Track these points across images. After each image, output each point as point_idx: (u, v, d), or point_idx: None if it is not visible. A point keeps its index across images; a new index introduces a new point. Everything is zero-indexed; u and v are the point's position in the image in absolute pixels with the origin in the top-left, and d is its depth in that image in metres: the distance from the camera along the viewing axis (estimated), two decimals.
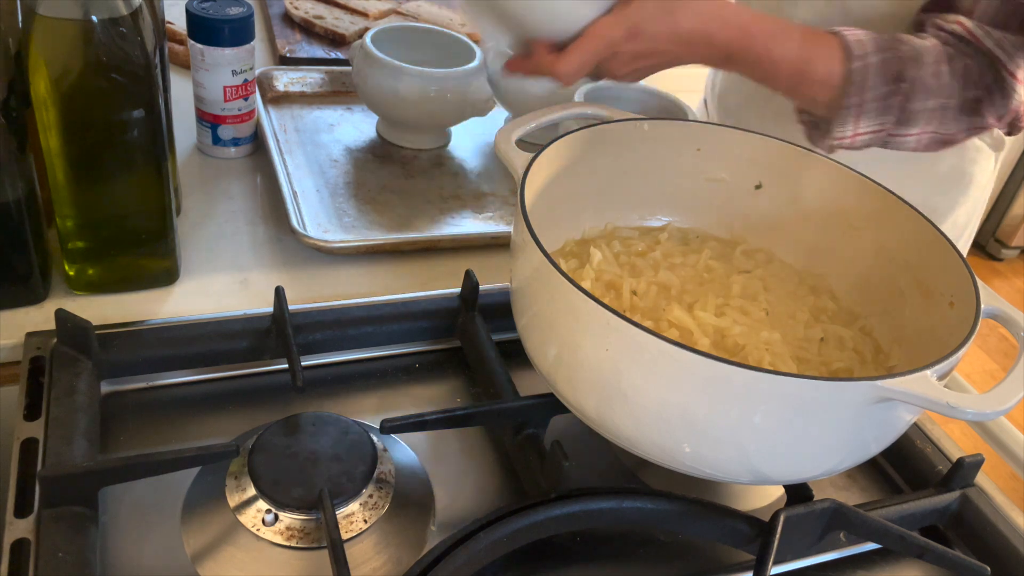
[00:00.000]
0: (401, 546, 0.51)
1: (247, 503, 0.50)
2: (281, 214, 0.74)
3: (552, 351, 0.49)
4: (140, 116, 0.57)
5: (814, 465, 0.48)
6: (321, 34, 1.10)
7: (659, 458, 0.48)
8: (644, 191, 0.65)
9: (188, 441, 0.56)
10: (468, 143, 0.93)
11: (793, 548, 0.52)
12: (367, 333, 0.63)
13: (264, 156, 0.83)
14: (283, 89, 0.94)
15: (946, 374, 0.44)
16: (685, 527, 0.52)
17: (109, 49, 0.54)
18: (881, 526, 0.52)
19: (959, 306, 0.51)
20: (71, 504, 0.47)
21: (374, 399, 0.61)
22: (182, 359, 0.59)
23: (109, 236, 0.62)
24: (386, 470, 0.53)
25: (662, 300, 0.56)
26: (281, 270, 0.71)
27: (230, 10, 0.77)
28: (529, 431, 0.55)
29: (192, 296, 0.66)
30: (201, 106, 0.81)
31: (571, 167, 0.59)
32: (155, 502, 0.51)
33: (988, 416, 0.41)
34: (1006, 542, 0.55)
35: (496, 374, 0.59)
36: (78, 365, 0.55)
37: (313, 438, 0.53)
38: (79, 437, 0.51)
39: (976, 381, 2.03)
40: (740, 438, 0.45)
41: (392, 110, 0.85)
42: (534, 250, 0.47)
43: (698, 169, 0.65)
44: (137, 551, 0.48)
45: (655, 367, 0.43)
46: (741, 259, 0.63)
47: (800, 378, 0.42)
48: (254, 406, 0.59)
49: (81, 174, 0.59)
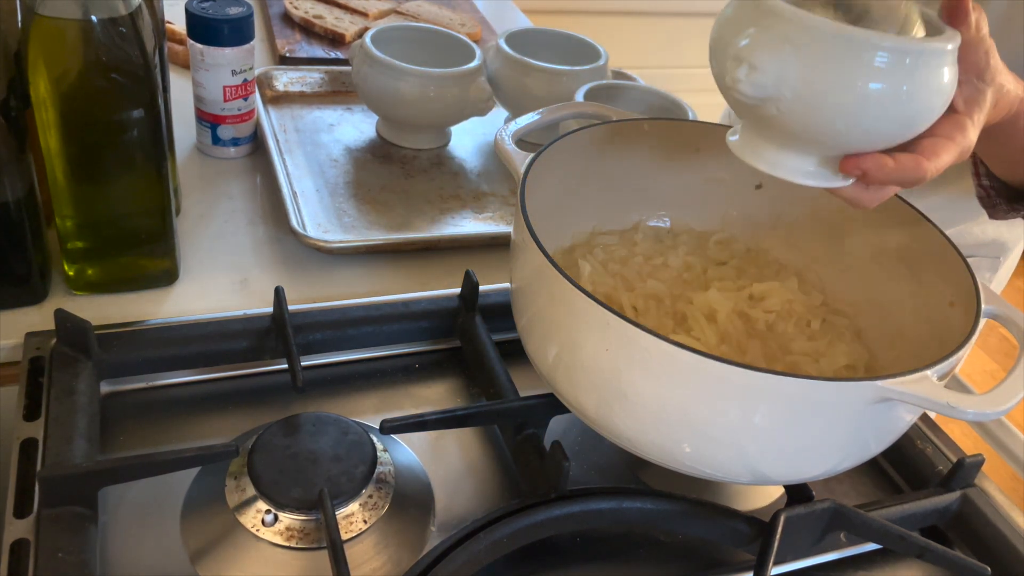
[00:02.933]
0: (401, 546, 0.51)
1: (247, 503, 0.50)
2: (281, 214, 0.74)
3: (552, 351, 0.49)
4: (140, 116, 0.57)
5: (814, 465, 0.48)
6: (321, 34, 1.10)
7: (659, 458, 0.48)
8: (644, 191, 0.65)
9: (188, 441, 0.56)
10: (468, 143, 0.92)
11: (793, 548, 0.52)
12: (367, 333, 0.63)
13: (264, 156, 0.83)
14: (283, 89, 0.94)
15: (946, 374, 0.44)
16: (685, 527, 0.52)
17: (109, 49, 0.54)
18: (881, 526, 0.52)
19: (959, 306, 0.51)
20: (71, 504, 0.47)
21: (374, 399, 0.61)
22: (182, 359, 0.59)
23: (109, 236, 0.62)
24: (386, 470, 0.53)
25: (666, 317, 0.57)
26: (281, 270, 0.71)
27: (230, 10, 0.77)
28: (529, 431, 0.55)
29: (192, 296, 0.66)
30: (201, 106, 0.81)
31: (571, 167, 0.59)
32: (155, 502, 0.51)
33: (988, 416, 0.41)
34: (1006, 542, 0.55)
35: (496, 374, 0.59)
36: (78, 365, 0.55)
37: (313, 438, 0.53)
38: (79, 437, 0.51)
39: (976, 381, 2.02)
40: (740, 438, 0.45)
41: (392, 110, 0.85)
42: (534, 250, 0.47)
43: (698, 169, 0.65)
44: (137, 551, 0.48)
45: (655, 367, 0.43)
46: (716, 250, 0.64)
47: (800, 378, 0.42)
48: (254, 406, 0.59)
49: (81, 174, 0.58)
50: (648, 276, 0.60)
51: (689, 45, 2.26)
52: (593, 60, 0.91)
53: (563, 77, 0.87)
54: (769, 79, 0.42)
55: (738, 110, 0.47)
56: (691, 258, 0.62)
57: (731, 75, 0.43)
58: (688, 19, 2.23)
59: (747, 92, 0.43)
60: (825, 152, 0.46)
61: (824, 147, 0.46)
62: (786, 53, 0.42)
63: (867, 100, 0.42)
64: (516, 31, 0.95)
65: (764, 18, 0.43)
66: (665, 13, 2.20)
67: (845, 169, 0.46)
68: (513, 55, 0.88)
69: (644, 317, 0.56)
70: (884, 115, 0.42)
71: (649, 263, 0.61)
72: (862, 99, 0.42)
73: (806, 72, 0.42)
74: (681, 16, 2.23)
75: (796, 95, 0.42)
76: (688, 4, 2.21)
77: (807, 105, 0.43)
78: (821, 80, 0.42)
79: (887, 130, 0.44)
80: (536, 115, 0.61)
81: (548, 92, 0.87)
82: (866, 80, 0.41)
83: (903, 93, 0.42)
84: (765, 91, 0.43)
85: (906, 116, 0.43)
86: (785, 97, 0.42)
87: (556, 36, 0.97)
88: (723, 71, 0.45)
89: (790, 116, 0.43)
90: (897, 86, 0.41)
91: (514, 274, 0.54)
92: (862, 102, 0.42)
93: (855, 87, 0.41)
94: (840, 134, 0.44)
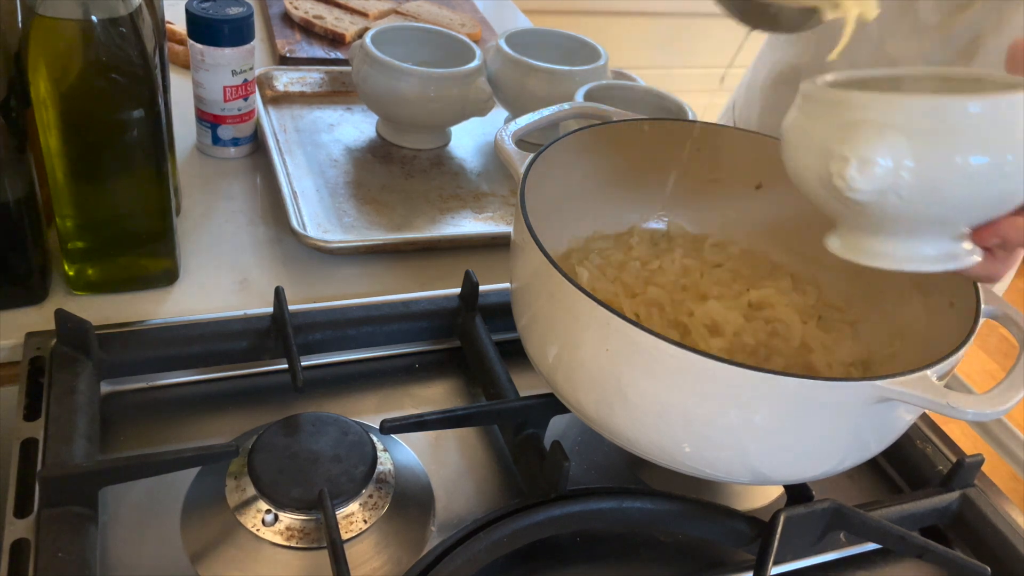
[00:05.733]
0: (401, 546, 0.51)
1: (247, 503, 0.50)
2: (281, 214, 0.74)
3: (552, 351, 0.49)
4: (140, 116, 0.57)
5: (814, 465, 0.48)
6: (321, 34, 1.10)
7: (659, 458, 0.48)
8: (644, 191, 0.65)
9: (188, 441, 0.56)
10: (468, 143, 0.93)
11: (793, 548, 0.52)
12: (367, 333, 0.63)
13: (264, 156, 0.83)
14: (283, 89, 0.94)
15: (946, 374, 0.44)
16: (685, 527, 0.52)
17: (109, 49, 0.54)
18: (881, 526, 0.52)
19: (959, 306, 0.51)
20: (71, 504, 0.47)
21: (374, 399, 0.61)
22: (182, 359, 0.59)
23: (109, 236, 0.62)
24: (386, 470, 0.53)
25: (670, 328, 0.57)
26: (281, 270, 0.71)
27: (230, 10, 0.77)
28: (529, 431, 0.55)
29: (192, 296, 0.66)
30: (201, 106, 0.81)
31: (571, 167, 0.59)
32: (155, 502, 0.51)
33: (988, 416, 0.41)
34: (1006, 542, 0.55)
35: (496, 374, 0.59)
36: (78, 365, 0.55)
37: (313, 438, 0.53)
38: (79, 437, 0.51)
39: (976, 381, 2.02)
40: (740, 438, 0.45)
41: (392, 110, 0.85)
42: (534, 250, 0.47)
43: (698, 169, 0.65)
44: (137, 551, 0.48)
45: (655, 367, 0.43)
46: (711, 252, 0.64)
47: (800, 378, 0.42)
48: (254, 406, 0.59)
49: (81, 174, 0.59)
50: (647, 282, 0.60)
51: (689, 45, 2.26)
52: (593, 60, 0.91)
53: (563, 77, 0.87)
54: (884, 169, 0.40)
55: (840, 211, 0.45)
56: (687, 261, 0.62)
57: (840, 176, 0.41)
58: (688, 19, 2.23)
59: (865, 188, 0.41)
60: (951, 231, 0.44)
61: (950, 224, 0.44)
62: (892, 136, 0.40)
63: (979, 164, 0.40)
64: (516, 31, 0.95)
65: (850, 111, 0.41)
66: (665, 13, 2.21)
67: (983, 239, 0.44)
68: (513, 55, 0.88)
69: (646, 324, 0.56)
70: (1001, 176, 0.41)
71: (646, 268, 0.61)
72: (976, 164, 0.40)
73: (917, 148, 0.40)
74: (681, 16, 2.23)
75: (915, 175, 0.40)
76: (688, 4, 2.21)
77: (929, 183, 0.41)
78: (934, 153, 0.40)
79: (1007, 189, 0.41)
80: (536, 115, 0.61)
81: (548, 92, 0.87)
82: (972, 142, 0.40)
83: (1013, 144, 0.40)
84: (883, 181, 0.41)
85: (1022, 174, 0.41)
86: (904, 181, 0.41)
87: (556, 36, 0.97)
88: (826, 177, 0.42)
89: (912, 200, 0.41)
90: (1005, 138, 0.40)
91: (514, 274, 0.54)
92: (976, 167, 0.40)
93: (966, 151, 0.40)
94: (966, 206, 0.42)
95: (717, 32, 2.27)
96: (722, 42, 2.27)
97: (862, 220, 0.44)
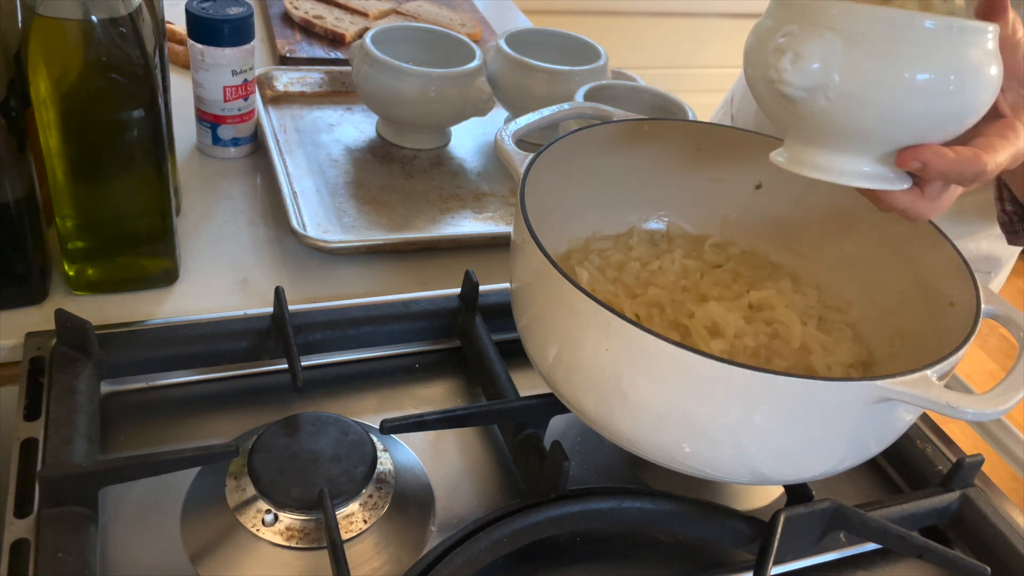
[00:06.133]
0: (401, 546, 0.51)
1: (247, 503, 0.50)
2: (281, 214, 0.74)
3: (552, 351, 0.49)
4: (140, 116, 0.57)
5: (814, 465, 0.48)
6: (321, 34, 1.10)
7: (659, 458, 0.48)
8: (644, 191, 0.65)
9: (188, 441, 0.56)
10: (468, 143, 0.93)
11: (793, 548, 0.52)
12: (367, 333, 0.63)
13: (264, 156, 0.83)
14: (283, 89, 0.94)
15: (946, 374, 0.44)
16: (685, 527, 0.52)
17: (109, 49, 0.54)
18: (881, 526, 0.52)
19: (959, 306, 0.51)
20: (71, 504, 0.47)
21: (374, 399, 0.61)
22: (182, 359, 0.59)
23: (109, 236, 0.62)
24: (386, 470, 0.53)
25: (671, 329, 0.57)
26: (281, 270, 0.71)
27: (230, 10, 0.77)
28: (529, 431, 0.55)
29: (192, 296, 0.66)
30: (201, 106, 0.81)
31: (571, 167, 0.59)
32: (155, 502, 0.51)
33: (988, 416, 0.41)
34: (1006, 542, 0.55)
35: (496, 374, 0.59)
36: (78, 365, 0.55)
37: (313, 438, 0.53)
38: (79, 437, 0.51)
39: (976, 381, 2.02)
40: (740, 438, 0.45)
41: (392, 110, 0.85)
42: (534, 250, 0.47)
43: (698, 169, 0.65)
44: (137, 551, 0.48)
45: (655, 367, 0.43)
46: (711, 253, 0.64)
47: (800, 378, 0.42)
48: (254, 406, 0.59)
49: (81, 174, 0.59)
50: (647, 283, 0.60)
51: (689, 45, 2.26)
52: (593, 60, 0.91)
53: (563, 77, 0.87)
54: (815, 64, 0.42)
55: (782, 117, 0.46)
56: (687, 261, 0.62)
57: (775, 67, 0.43)
58: (688, 19, 2.24)
59: (794, 81, 0.42)
60: (878, 147, 0.45)
61: (877, 140, 0.45)
62: (829, 38, 0.42)
63: (915, 80, 0.41)
64: (516, 31, 0.95)
65: (802, 14, 0.43)
66: (665, 13, 2.21)
67: (903, 162, 0.44)
68: (513, 55, 0.88)
69: (647, 325, 0.56)
70: (933, 97, 0.42)
71: (646, 268, 0.61)
72: (910, 79, 0.41)
73: (852, 53, 0.41)
74: (681, 16, 2.23)
75: (844, 79, 0.42)
76: (688, 4, 2.21)
77: (856, 90, 0.42)
78: (868, 60, 0.41)
79: (938, 114, 0.43)
80: (536, 115, 0.61)
81: (548, 92, 0.87)
82: (912, 57, 0.41)
83: (950, 70, 0.41)
84: (812, 78, 0.42)
85: (956, 101, 0.42)
86: (833, 83, 0.42)
87: (556, 36, 0.97)
88: (764, 67, 0.44)
89: (839, 105, 0.43)
90: (943, 63, 0.41)
91: (514, 274, 0.54)
92: (910, 82, 0.41)
93: (902, 65, 0.41)
94: (892, 120, 0.43)
95: (717, 32, 2.27)
96: (722, 42, 2.27)
97: (800, 126, 0.46)
